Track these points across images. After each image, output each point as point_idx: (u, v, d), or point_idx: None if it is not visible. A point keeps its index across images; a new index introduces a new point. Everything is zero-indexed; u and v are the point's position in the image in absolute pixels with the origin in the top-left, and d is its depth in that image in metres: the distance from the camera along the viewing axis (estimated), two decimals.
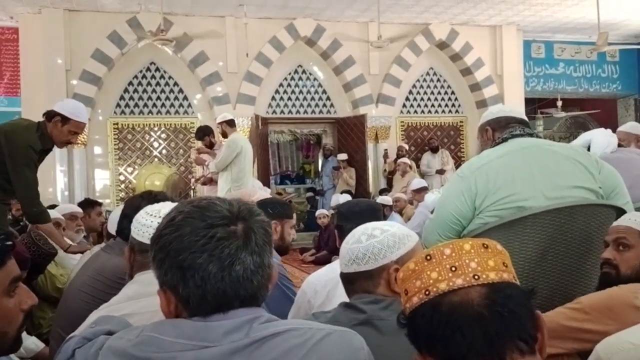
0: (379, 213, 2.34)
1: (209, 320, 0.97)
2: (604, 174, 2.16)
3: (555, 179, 2.08)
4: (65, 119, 3.35)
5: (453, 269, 0.91)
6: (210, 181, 7.00)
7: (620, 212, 2.13)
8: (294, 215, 3.03)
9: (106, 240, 3.14)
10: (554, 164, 2.12)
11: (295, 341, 0.98)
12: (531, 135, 2.25)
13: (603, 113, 11.84)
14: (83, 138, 8.65)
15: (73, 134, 3.45)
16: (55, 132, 3.37)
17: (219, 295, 0.97)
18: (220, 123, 6.67)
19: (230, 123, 6.67)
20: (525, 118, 2.37)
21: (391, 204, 7.15)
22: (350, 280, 1.52)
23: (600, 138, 2.67)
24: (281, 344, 0.97)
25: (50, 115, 3.36)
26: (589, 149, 2.91)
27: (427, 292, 0.91)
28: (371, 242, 1.46)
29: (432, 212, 2.54)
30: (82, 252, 3.42)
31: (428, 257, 0.93)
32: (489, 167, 2.14)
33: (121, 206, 3.10)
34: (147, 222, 1.56)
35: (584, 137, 2.73)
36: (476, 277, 0.89)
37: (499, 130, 2.29)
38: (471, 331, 0.86)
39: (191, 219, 0.99)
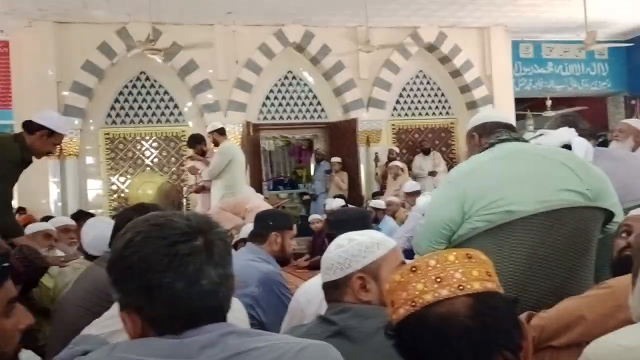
0: (367, 220, 2.36)
1: (182, 337, 0.97)
2: (591, 175, 2.19)
3: (543, 183, 2.10)
4: (51, 132, 3.36)
5: (438, 280, 0.92)
6: (203, 189, 7.02)
7: (608, 213, 2.16)
8: (294, 226, 3.04)
9: (83, 256, 3.15)
10: (542, 168, 2.14)
11: (271, 356, 0.97)
12: (518, 139, 2.27)
13: (593, 111, 11.91)
14: (75, 149, 8.66)
15: (55, 146, 3.47)
16: (39, 144, 3.35)
17: (187, 312, 0.97)
18: (211, 132, 6.72)
19: (221, 131, 6.74)
20: (512, 122, 2.39)
21: (384, 207, 7.18)
22: (324, 290, 1.55)
23: (583, 142, 2.69)
24: (257, 359, 0.96)
25: (32, 127, 3.34)
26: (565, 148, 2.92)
27: (413, 304, 0.92)
28: (337, 251, 1.48)
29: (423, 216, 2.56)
30: (58, 265, 3.38)
31: (413, 269, 0.94)
32: (477, 172, 2.16)
33: (89, 224, 3.10)
34: None
35: (560, 137, 2.73)
36: (461, 287, 0.91)
37: (485, 135, 2.30)
38: (459, 343, 0.88)
39: (151, 238, 0.98)
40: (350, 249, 1.47)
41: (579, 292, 1.93)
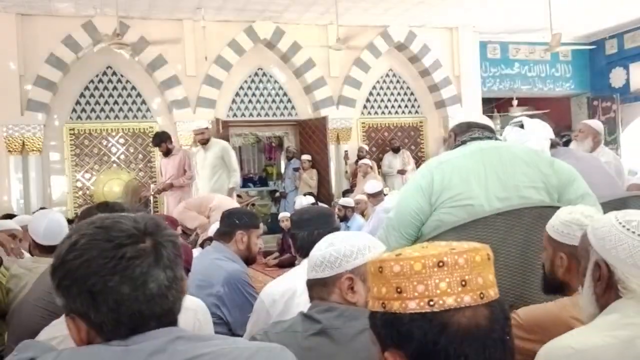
0: (330, 219, 2.36)
1: (129, 344, 0.94)
2: (556, 169, 2.25)
3: (508, 180, 2.17)
4: None
5: (463, 283, 0.87)
6: (171, 186, 6.97)
7: None
8: (261, 225, 3.03)
9: (34, 251, 3.06)
10: (509, 165, 2.20)
11: None
12: (490, 138, 2.33)
13: (557, 111, 12.15)
14: (38, 145, 8.46)
15: None
16: None
17: (135, 317, 0.94)
18: (205, 129, 7.10)
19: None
20: (489, 124, 2.44)
21: (353, 205, 7.21)
22: (309, 287, 1.54)
23: (535, 141, 2.76)
24: None
25: None
26: None
27: (431, 302, 0.86)
28: (329, 250, 1.48)
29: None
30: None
31: (440, 264, 0.87)
32: (446, 165, 2.24)
33: (38, 216, 3.01)
34: None
35: (520, 137, 2.79)
36: (482, 295, 0.87)
37: (460, 134, 2.38)
38: (475, 356, 0.86)
39: (96, 240, 0.95)
40: (342, 249, 1.46)
41: (537, 288, 1.97)
